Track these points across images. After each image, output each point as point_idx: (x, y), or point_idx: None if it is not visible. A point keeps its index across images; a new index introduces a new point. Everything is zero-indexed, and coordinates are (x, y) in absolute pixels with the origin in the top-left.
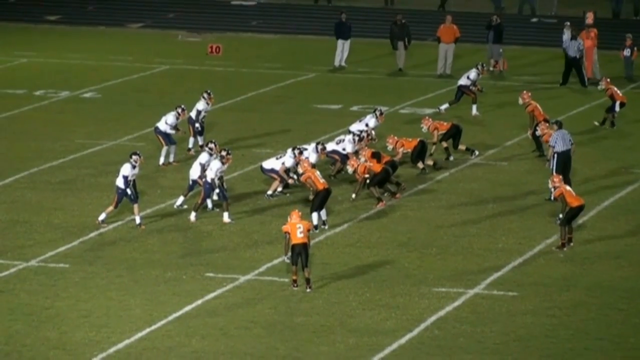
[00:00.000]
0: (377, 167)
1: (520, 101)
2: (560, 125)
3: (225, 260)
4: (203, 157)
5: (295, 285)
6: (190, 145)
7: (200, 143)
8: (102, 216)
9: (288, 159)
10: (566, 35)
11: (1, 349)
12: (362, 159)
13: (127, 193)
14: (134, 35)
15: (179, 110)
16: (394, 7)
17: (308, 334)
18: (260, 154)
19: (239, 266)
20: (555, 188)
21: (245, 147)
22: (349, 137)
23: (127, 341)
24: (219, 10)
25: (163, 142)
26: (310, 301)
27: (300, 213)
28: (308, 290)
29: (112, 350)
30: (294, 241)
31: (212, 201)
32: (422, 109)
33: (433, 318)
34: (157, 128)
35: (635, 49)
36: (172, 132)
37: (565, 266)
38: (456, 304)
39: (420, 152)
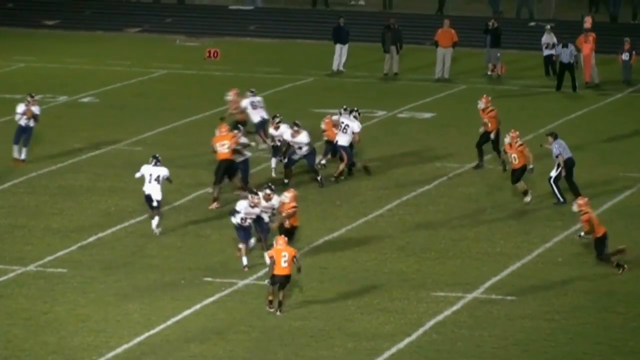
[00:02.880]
0: None
1: (481, 105)
2: (556, 137)
3: (224, 265)
4: (160, 170)
5: (271, 307)
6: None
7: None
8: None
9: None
10: (545, 37)
11: (0, 353)
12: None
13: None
14: (132, 39)
15: None
16: (392, 12)
17: (306, 338)
18: (259, 157)
19: (237, 270)
20: (582, 212)
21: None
22: (348, 116)
23: (125, 346)
24: (217, 14)
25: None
26: (308, 305)
27: (286, 239)
28: (278, 313)
29: (110, 355)
30: (276, 271)
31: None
32: (420, 112)
33: (432, 322)
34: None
35: (634, 52)
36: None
37: (563, 270)
38: (455, 308)
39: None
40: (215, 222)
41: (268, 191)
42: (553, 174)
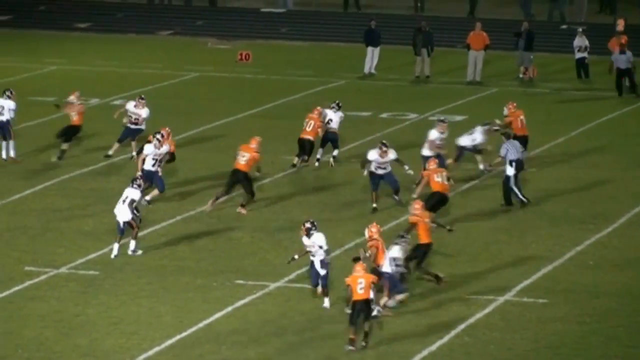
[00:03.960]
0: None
1: (506, 111)
2: (508, 137)
3: (255, 267)
4: (132, 192)
5: (352, 345)
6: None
7: None
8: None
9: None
10: (577, 40)
11: (32, 355)
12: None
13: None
14: (163, 42)
15: None
16: (423, 14)
17: (338, 340)
18: (289, 161)
19: (269, 273)
20: (414, 214)
21: (275, 154)
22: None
23: (157, 348)
24: (248, 17)
25: None
26: (340, 308)
27: (364, 265)
28: (363, 344)
29: (142, 357)
30: (354, 297)
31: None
32: (452, 115)
33: (463, 325)
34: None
35: None
36: None
37: (595, 273)
38: (486, 310)
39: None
40: (247, 224)
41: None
42: (509, 173)
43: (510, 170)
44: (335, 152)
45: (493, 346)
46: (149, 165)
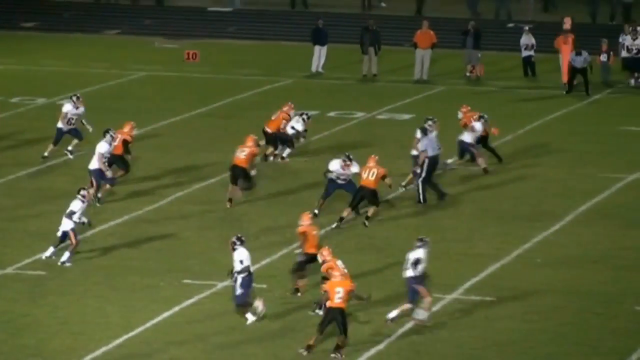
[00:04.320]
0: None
1: (460, 115)
2: (425, 132)
3: (203, 267)
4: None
5: (308, 351)
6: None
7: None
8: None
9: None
10: (524, 39)
11: None
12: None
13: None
14: (110, 41)
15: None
16: (370, 13)
17: (286, 339)
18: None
19: (216, 272)
20: (324, 262)
21: (223, 153)
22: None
23: (104, 348)
24: (195, 16)
25: None
26: (288, 307)
27: (344, 271)
28: (332, 355)
29: (89, 357)
30: (329, 304)
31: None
32: (399, 114)
33: (411, 323)
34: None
35: (612, 53)
36: None
37: (542, 271)
38: (434, 309)
39: None
40: (194, 223)
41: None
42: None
43: (422, 166)
44: (286, 152)
45: (440, 345)
46: (97, 164)
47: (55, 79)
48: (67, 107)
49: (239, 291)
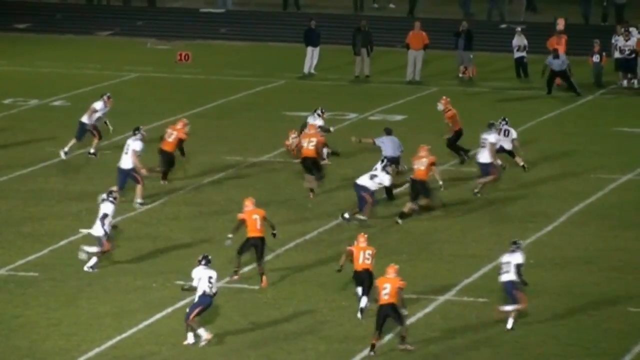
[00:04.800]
0: None
1: (441, 107)
2: (389, 132)
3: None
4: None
5: (373, 350)
6: None
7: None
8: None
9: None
10: (516, 40)
11: None
12: None
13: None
14: (102, 42)
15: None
16: (362, 14)
17: (278, 341)
18: (229, 161)
19: None
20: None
21: (215, 154)
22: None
23: (97, 349)
24: (188, 17)
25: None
26: (280, 308)
27: (396, 268)
28: (400, 347)
29: (82, 358)
30: (379, 301)
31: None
32: (392, 115)
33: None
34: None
35: (604, 54)
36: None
37: (535, 272)
38: (427, 310)
39: None
40: (187, 224)
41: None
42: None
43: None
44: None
45: (433, 346)
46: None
47: (48, 80)
48: (99, 105)
49: (191, 307)
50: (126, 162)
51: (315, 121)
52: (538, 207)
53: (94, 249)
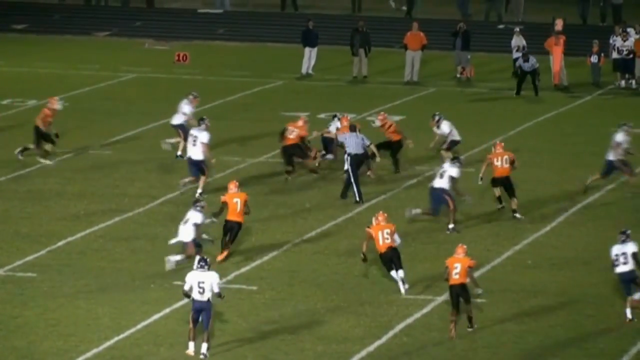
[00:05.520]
0: None
1: (378, 123)
2: (353, 129)
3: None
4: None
5: (454, 327)
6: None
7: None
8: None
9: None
10: (515, 40)
11: None
12: None
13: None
14: (101, 43)
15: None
16: (360, 14)
17: (276, 341)
18: (228, 161)
19: None
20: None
21: (213, 154)
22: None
23: (95, 350)
24: (185, 18)
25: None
26: (278, 309)
27: (465, 248)
28: (468, 329)
29: (80, 359)
30: (450, 281)
31: None
32: (390, 116)
33: (401, 325)
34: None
35: (602, 55)
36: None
37: (533, 273)
38: (424, 311)
39: None
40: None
41: None
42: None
43: (346, 164)
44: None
45: (431, 346)
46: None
47: (46, 81)
48: (188, 108)
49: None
50: (195, 153)
51: (332, 127)
52: (536, 208)
53: (178, 257)
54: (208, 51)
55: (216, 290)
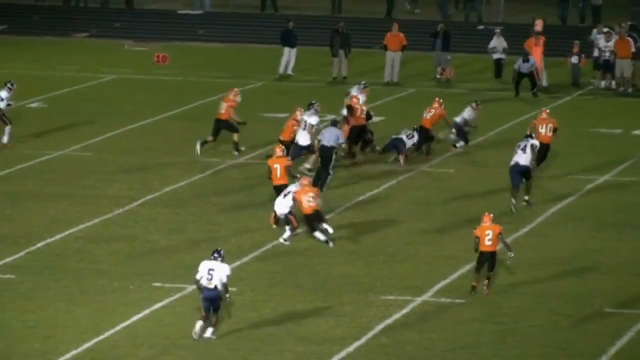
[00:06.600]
0: None
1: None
2: (334, 123)
3: (173, 270)
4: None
5: (474, 291)
6: None
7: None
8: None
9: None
10: (494, 41)
11: None
12: None
13: None
14: (80, 44)
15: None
16: (340, 15)
17: (256, 342)
18: (209, 162)
19: (186, 275)
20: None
21: (193, 156)
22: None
23: (74, 352)
24: (165, 19)
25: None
26: (258, 310)
27: (491, 216)
28: (485, 289)
29: None
30: (481, 248)
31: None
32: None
33: (381, 326)
34: None
35: (583, 55)
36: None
37: (512, 273)
38: (404, 311)
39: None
40: (164, 226)
41: None
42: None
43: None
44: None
45: (410, 347)
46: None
47: (25, 82)
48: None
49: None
50: (303, 138)
51: (358, 94)
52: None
53: (288, 234)
54: (188, 52)
55: (224, 280)
